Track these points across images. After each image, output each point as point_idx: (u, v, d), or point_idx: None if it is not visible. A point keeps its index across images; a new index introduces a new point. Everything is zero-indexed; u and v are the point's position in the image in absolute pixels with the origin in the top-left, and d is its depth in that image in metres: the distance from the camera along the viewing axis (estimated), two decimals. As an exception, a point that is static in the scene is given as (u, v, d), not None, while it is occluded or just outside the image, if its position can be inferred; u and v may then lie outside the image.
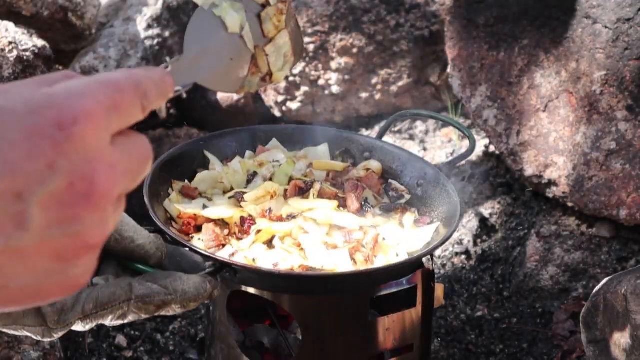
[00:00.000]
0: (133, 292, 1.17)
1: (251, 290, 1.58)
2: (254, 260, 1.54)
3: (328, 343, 1.61)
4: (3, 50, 2.26)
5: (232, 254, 1.54)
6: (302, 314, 1.60)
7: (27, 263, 0.57)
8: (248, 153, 1.90)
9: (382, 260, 1.60)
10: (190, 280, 1.22)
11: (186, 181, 1.77)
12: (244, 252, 1.54)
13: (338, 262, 1.55)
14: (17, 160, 0.55)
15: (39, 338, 1.13)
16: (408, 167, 1.86)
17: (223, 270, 1.43)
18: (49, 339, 1.13)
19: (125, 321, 1.20)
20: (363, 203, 1.73)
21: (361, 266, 1.57)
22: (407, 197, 1.81)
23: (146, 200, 1.57)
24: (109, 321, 1.17)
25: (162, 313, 1.21)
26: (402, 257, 1.61)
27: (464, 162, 2.01)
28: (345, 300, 1.59)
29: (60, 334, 1.14)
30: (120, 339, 2.17)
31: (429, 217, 1.76)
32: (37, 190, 0.56)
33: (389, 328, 1.64)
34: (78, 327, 1.16)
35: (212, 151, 1.86)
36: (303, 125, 2.27)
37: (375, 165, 1.87)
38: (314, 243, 1.59)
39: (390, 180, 1.85)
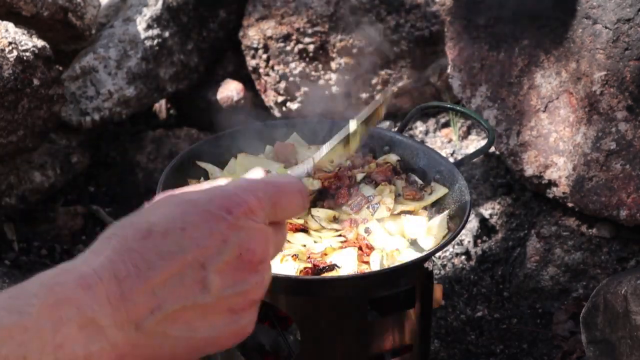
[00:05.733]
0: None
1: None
2: None
3: (327, 344, 1.61)
4: (3, 50, 2.26)
5: None
6: (300, 314, 1.60)
7: (208, 317, 0.74)
8: (268, 148, 1.89)
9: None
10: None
11: (202, 179, 1.78)
12: None
13: (344, 262, 1.55)
14: (199, 237, 0.72)
15: None
16: (425, 161, 1.87)
17: None
18: None
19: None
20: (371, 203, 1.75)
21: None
22: (441, 189, 1.80)
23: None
24: None
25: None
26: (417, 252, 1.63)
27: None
28: (344, 302, 1.59)
29: None
30: (120, 340, 2.16)
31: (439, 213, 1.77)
32: (216, 260, 0.73)
33: (388, 329, 1.63)
34: None
35: (230, 148, 1.86)
36: (324, 119, 2.25)
37: (393, 158, 1.88)
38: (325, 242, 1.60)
39: (410, 174, 1.86)
